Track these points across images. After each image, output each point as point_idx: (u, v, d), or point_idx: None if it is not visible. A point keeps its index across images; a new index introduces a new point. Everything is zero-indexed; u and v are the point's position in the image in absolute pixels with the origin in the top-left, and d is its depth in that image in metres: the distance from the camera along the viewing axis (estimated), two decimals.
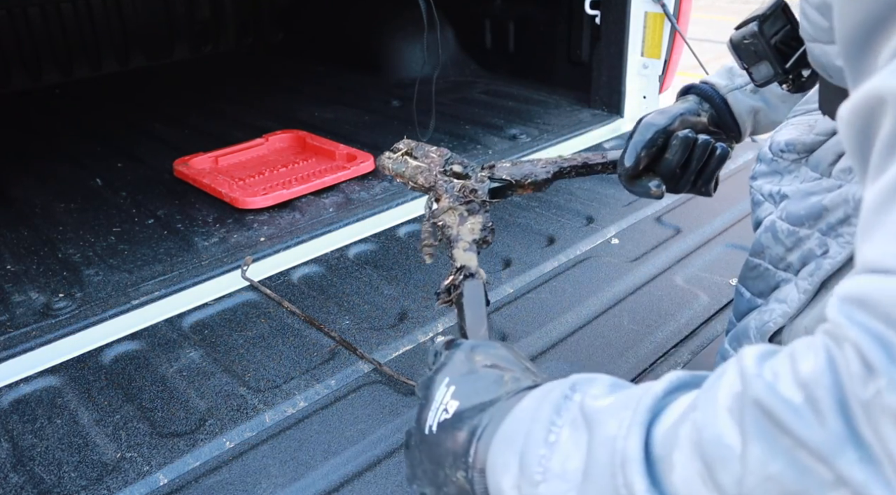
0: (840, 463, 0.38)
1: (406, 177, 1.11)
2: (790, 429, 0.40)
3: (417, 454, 0.71)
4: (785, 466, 0.41)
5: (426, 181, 1.08)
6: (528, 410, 0.57)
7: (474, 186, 1.05)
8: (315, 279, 1.49)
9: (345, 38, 3.30)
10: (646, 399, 0.50)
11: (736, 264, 1.47)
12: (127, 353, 1.27)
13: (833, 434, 0.39)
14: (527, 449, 0.55)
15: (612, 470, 0.49)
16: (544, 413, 0.55)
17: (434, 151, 1.11)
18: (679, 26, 2.09)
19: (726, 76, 1.04)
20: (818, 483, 0.40)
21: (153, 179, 2.04)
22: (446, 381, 0.67)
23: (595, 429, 0.51)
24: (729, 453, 0.43)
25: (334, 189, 1.88)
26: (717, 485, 0.44)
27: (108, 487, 0.98)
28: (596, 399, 0.54)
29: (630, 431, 0.48)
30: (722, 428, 0.43)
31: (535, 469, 0.54)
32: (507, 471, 0.56)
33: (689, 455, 0.45)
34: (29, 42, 3.09)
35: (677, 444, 0.46)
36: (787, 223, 0.78)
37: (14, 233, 1.74)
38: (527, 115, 2.38)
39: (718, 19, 8.74)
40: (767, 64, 0.83)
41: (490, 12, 2.84)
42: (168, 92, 3.05)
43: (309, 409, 1.11)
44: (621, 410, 0.50)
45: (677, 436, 0.46)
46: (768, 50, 0.82)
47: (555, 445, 0.53)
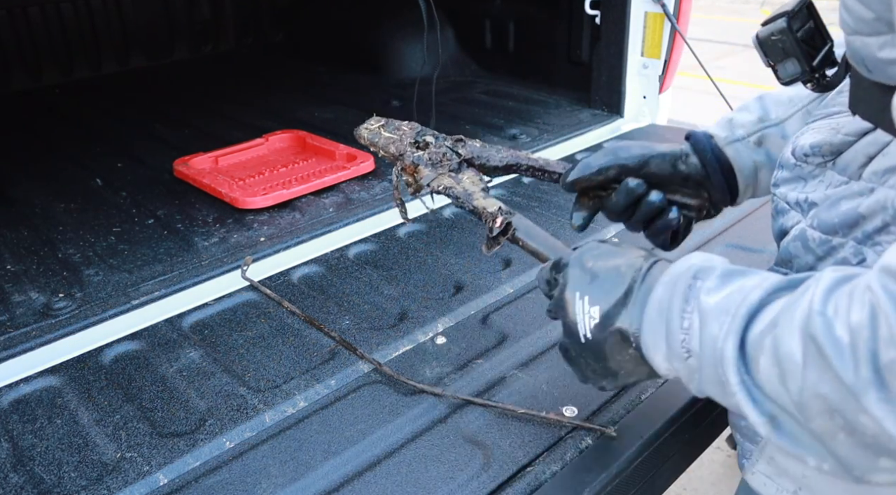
0: (865, 399, 0.51)
1: (379, 147, 1.20)
2: (834, 367, 0.52)
3: (582, 360, 0.82)
4: (830, 390, 0.53)
5: (396, 150, 1.16)
6: (664, 301, 0.71)
7: (440, 152, 1.12)
8: (315, 279, 1.49)
9: (345, 38, 3.30)
10: (742, 308, 0.62)
11: (736, 264, 1.47)
12: (127, 353, 1.27)
13: (863, 377, 0.51)
14: (670, 334, 0.70)
15: (714, 363, 0.64)
16: (676, 302, 0.69)
17: (406, 125, 1.20)
18: (679, 26, 2.09)
19: (726, 127, 0.99)
20: (852, 407, 0.52)
21: (153, 179, 2.04)
22: (577, 294, 0.79)
23: (704, 328, 0.65)
24: (796, 368, 0.56)
25: (334, 189, 1.88)
26: (786, 388, 0.57)
27: (108, 487, 0.98)
28: (709, 294, 0.67)
29: (728, 336, 0.62)
30: (793, 346, 0.56)
31: (680, 350, 0.69)
32: (658, 350, 0.72)
33: (770, 361, 0.58)
34: (29, 42, 3.09)
35: (763, 350, 0.59)
36: (819, 232, 0.76)
37: (14, 233, 1.74)
38: (527, 115, 2.38)
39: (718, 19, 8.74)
40: (795, 61, 0.82)
41: (490, 12, 2.84)
42: (168, 92, 3.05)
43: (309, 409, 1.11)
44: (723, 314, 0.64)
45: (763, 344, 0.59)
46: (796, 46, 0.81)
47: (689, 330, 0.67)
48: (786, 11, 0.81)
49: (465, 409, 1.09)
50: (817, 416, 0.56)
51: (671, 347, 0.70)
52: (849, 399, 0.52)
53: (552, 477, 0.96)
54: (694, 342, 0.67)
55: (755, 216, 1.65)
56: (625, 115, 2.30)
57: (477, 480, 0.96)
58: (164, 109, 2.77)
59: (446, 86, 2.72)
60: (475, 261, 1.53)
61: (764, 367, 0.59)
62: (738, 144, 0.96)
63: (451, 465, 0.98)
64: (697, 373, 0.68)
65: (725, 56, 7.20)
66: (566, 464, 0.98)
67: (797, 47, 0.81)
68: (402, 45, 3.00)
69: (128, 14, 3.33)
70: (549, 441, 1.01)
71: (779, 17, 0.82)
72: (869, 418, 0.51)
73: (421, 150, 1.14)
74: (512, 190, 1.88)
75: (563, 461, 0.98)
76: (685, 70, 2.62)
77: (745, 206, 1.69)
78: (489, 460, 0.99)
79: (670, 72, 2.19)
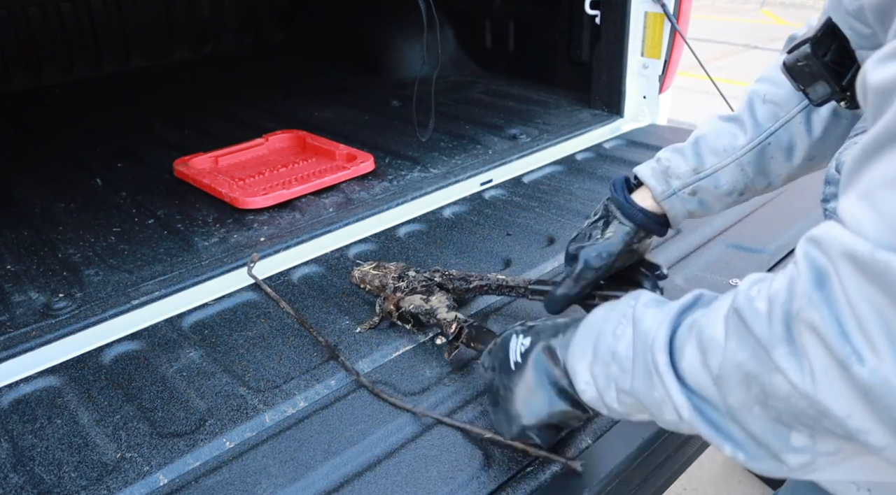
0: (775, 353, 0.54)
1: (366, 282, 1.40)
2: (752, 328, 0.57)
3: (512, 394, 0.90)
4: (748, 356, 0.57)
5: (380, 283, 1.36)
6: (601, 317, 0.79)
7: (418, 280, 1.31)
8: (315, 279, 1.49)
9: (345, 38, 3.30)
10: (675, 306, 0.71)
11: (736, 264, 1.47)
12: (127, 353, 1.27)
13: (775, 333, 0.55)
14: (599, 341, 0.77)
15: (645, 351, 0.70)
16: (614, 316, 0.77)
17: (393, 264, 1.41)
18: (679, 26, 2.09)
19: (662, 180, 1.05)
20: (766, 369, 0.56)
21: (153, 179, 2.04)
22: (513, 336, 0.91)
23: (638, 325, 0.72)
24: (716, 345, 0.61)
25: (334, 189, 1.88)
26: (707, 367, 0.62)
27: (108, 487, 0.98)
28: (647, 306, 0.75)
29: (660, 326, 0.69)
30: (715, 328, 0.62)
31: (605, 353, 0.75)
32: (584, 357, 0.79)
33: (695, 347, 0.64)
34: (29, 42, 3.09)
35: (688, 340, 0.66)
36: None
37: (14, 233, 1.74)
38: (527, 115, 2.38)
39: (718, 19, 8.74)
40: (824, 83, 0.84)
41: (490, 12, 2.84)
42: (168, 92, 3.05)
43: (309, 409, 1.11)
44: (658, 313, 0.72)
45: (689, 335, 0.66)
46: (823, 69, 0.83)
47: (620, 337, 0.74)
48: (810, 38, 0.83)
49: (464, 409, 1.09)
50: (735, 388, 0.59)
51: (597, 353, 0.77)
52: (763, 359, 0.56)
53: None
54: (622, 344, 0.74)
55: (755, 216, 1.65)
56: (625, 114, 2.30)
57: (477, 480, 0.96)
58: (164, 109, 2.77)
59: (446, 86, 2.72)
60: (475, 261, 1.53)
61: (688, 354, 0.65)
62: (673, 198, 1.05)
63: (451, 465, 0.98)
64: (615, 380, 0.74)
65: (725, 56, 7.20)
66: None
67: (824, 70, 0.82)
68: (402, 45, 3.00)
69: (128, 14, 3.33)
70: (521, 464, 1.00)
71: (803, 43, 0.84)
72: (781, 377, 0.54)
73: (401, 282, 1.33)
74: (512, 190, 1.88)
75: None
76: (685, 70, 2.62)
77: (745, 206, 1.69)
78: (489, 460, 0.99)
79: (670, 72, 2.19)
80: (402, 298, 1.27)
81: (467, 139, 2.21)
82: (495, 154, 2.06)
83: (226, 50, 3.70)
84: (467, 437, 1.03)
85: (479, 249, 1.58)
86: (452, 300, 1.25)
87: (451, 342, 1.15)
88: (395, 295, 1.29)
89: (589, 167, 2.01)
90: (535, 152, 2.07)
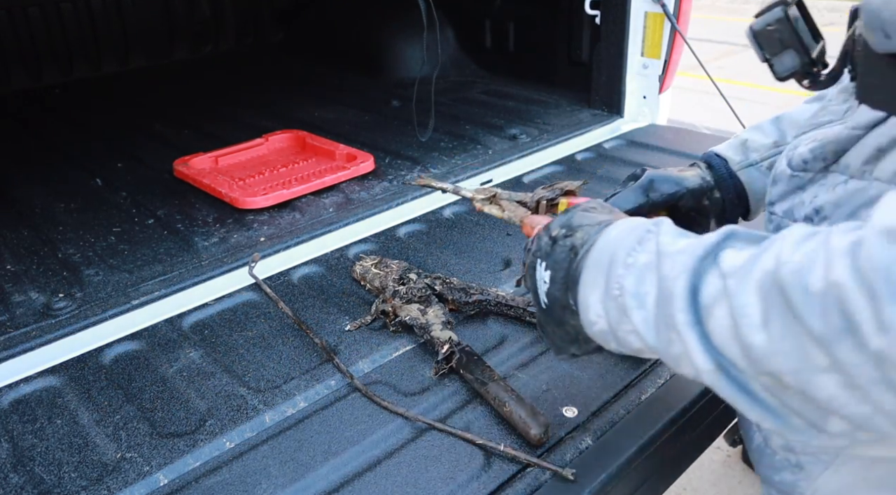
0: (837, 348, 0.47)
1: (367, 280, 1.40)
2: (802, 318, 0.48)
3: (549, 328, 0.81)
4: (792, 347, 0.50)
5: (381, 284, 1.36)
6: (616, 238, 0.69)
7: (417, 288, 1.29)
8: (315, 279, 1.49)
9: (345, 37, 3.30)
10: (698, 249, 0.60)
11: None
12: (127, 353, 1.27)
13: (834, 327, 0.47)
14: (611, 268, 0.67)
15: (663, 302, 0.61)
16: (629, 241, 0.67)
17: (395, 263, 1.40)
18: (679, 26, 2.09)
19: (740, 150, 0.98)
20: (812, 366, 0.49)
21: (153, 179, 2.04)
22: (538, 261, 0.79)
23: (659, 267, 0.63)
24: (749, 321, 0.53)
25: (334, 189, 1.88)
26: (739, 340, 0.54)
27: (108, 487, 0.98)
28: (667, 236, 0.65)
29: (680, 275, 0.60)
30: (748, 298, 0.53)
31: (614, 285, 0.66)
32: (596, 287, 0.69)
33: (725, 311, 0.55)
34: (29, 42, 3.08)
35: (719, 300, 0.56)
36: None
37: (14, 233, 1.74)
38: (527, 115, 2.38)
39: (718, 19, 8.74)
40: (793, 53, 0.76)
41: (490, 12, 2.84)
42: (168, 92, 3.05)
43: (309, 409, 1.11)
44: (679, 254, 0.62)
45: (717, 293, 0.57)
46: (795, 36, 0.75)
47: (631, 267, 0.65)
48: (781, 0, 0.77)
49: (464, 410, 1.09)
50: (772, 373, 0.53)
51: (608, 285, 0.67)
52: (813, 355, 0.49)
53: None
54: (629, 281, 0.65)
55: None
56: (625, 115, 2.30)
57: (477, 480, 0.96)
58: (164, 109, 2.76)
59: (446, 86, 2.72)
60: (475, 261, 1.53)
61: (717, 316, 0.56)
62: (751, 169, 0.96)
63: (451, 465, 0.98)
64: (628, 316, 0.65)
65: (725, 56, 7.20)
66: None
67: (795, 37, 0.75)
68: (402, 45, 3.00)
69: (128, 14, 3.33)
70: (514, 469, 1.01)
71: (774, 5, 0.77)
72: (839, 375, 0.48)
73: (402, 285, 1.32)
74: (512, 190, 1.88)
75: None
76: (685, 70, 2.62)
77: None
78: (489, 460, 0.99)
79: (670, 72, 2.19)
80: (400, 306, 1.27)
81: (467, 139, 2.21)
82: (495, 154, 2.06)
83: (226, 50, 3.70)
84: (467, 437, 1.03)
85: (479, 249, 1.58)
86: (449, 315, 1.25)
87: (440, 362, 1.15)
88: (393, 299, 1.29)
89: (589, 167, 2.01)
90: (535, 152, 2.07)
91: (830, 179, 0.72)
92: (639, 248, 0.66)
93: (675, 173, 0.96)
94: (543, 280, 0.77)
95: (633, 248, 0.66)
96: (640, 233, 0.68)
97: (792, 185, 0.78)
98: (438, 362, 1.15)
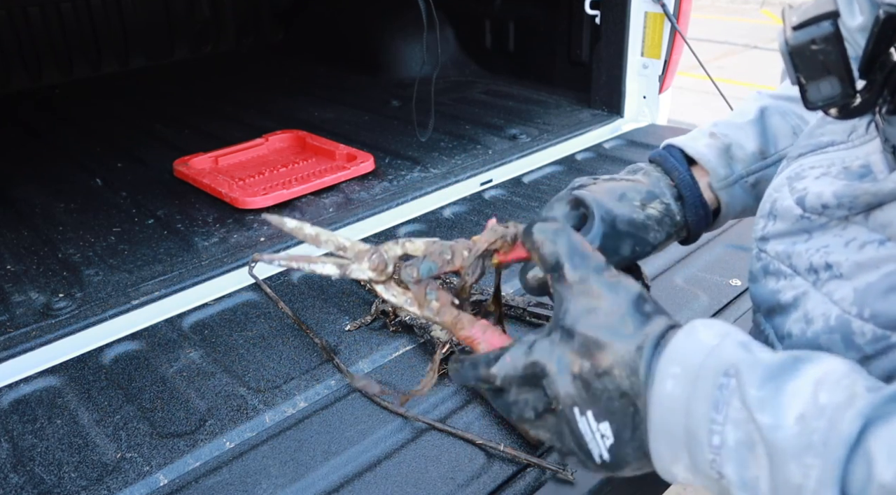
0: None
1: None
2: None
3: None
4: None
5: None
6: (679, 400, 0.50)
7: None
8: (315, 279, 1.49)
9: (345, 38, 3.30)
10: (838, 448, 0.42)
11: (736, 264, 1.47)
12: (127, 353, 1.27)
13: None
14: (693, 449, 0.50)
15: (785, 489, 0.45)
16: (700, 408, 0.49)
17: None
18: (679, 26, 2.09)
19: (723, 160, 0.81)
20: None
21: (153, 179, 2.04)
22: (577, 411, 0.56)
23: (776, 467, 0.45)
24: None
25: (334, 189, 1.88)
26: None
27: (108, 487, 0.98)
28: (762, 410, 0.46)
29: (820, 488, 0.43)
30: None
31: (709, 471, 0.50)
32: (679, 461, 0.52)
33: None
34: (29, 42, 3.09)
35: None
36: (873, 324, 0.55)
37: (14, 233, 1.74)
38: (527, 115, 2.38)
39: (718, 19, 8.74)
40: (835, 81, 0.57)
41: (490, 12, 2.84)
42: (168, 92, 3.05)
43: (309, 409, 1.11)
44: (804, 453, 0.43)
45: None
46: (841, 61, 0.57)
47: (721, 449, 0.48)
48: (832, 11, 0.56)
49: (464, 410, 1.09)
50: None
51: (697, 465, 0.51)
52: None
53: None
54: (730, 469, 0.48)
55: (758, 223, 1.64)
56: (625, 115, 2.30)
57: (477, 480, 0.96)
58: (164, 109, 2.77)
59: (446, 86, 2.72)
60: None
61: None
62: (735, 187, 0.82)
63: (451, 465, 0.98)
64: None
65: (725, 56, 7.20)
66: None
67: (842, 61, 0.57)
68: (402, 45, 3.00)
69: (128, 14, 3.33)
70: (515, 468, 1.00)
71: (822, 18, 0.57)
72: None
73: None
74: (512, 190, 1.88)
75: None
76: (685, 70, 2.62)
77: None
78: (490, 460, 0.99)
79: (670, 72, 2.19)
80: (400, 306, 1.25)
81: (467, 139, 2.21)
82: (495, 154, 2.06)
83: (226, 50, 3.70)
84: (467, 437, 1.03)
85: None
86: None
87: (440, 363, 1.14)
88: None
89: (589, 167, 2.01)
90: (535, 152, 2.07)
91: (851, 232, 0.59)
92: (719, 419, 0.48)
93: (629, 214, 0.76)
94: (601, 434, 0.56)
95: (713, 421, 0.49)
96: (709, 391, 0.49)
97: (797, 227, 0.64)
98: (442, 361, 1.15)
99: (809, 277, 0.62)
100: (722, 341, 0.51)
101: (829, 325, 0.59)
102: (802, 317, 0.62)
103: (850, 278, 0.58)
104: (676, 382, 0.51)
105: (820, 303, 0.60)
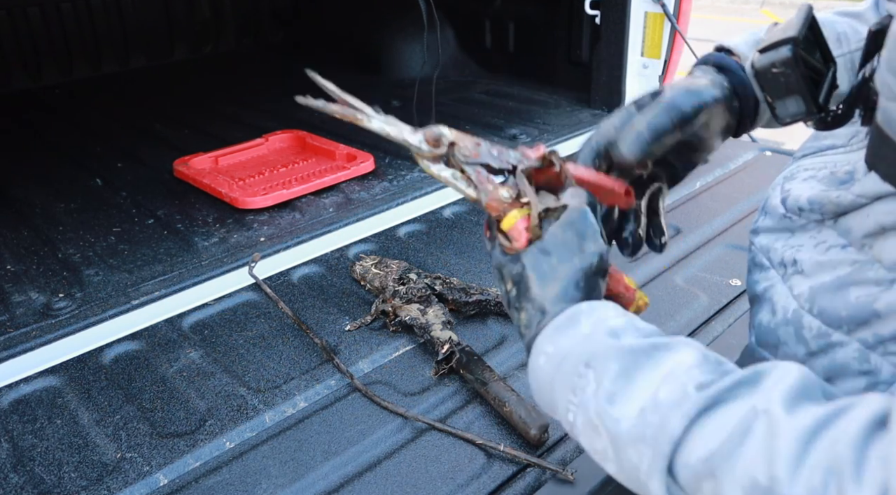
0: None
1: (367, 281, 1.39)
2: None
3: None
4: None
5: (381, 284, 1.35)
6: (547, 376, 0.59)
7: (417, 288, 1.28)
8: (315, 279, 1.49)
9: (345, 38, 3.30)
10: (664, 444, 0.49)
11: (736, 264, 1.47)
12: (127, 353, 1.27)
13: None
14: (557, 415, 0.59)
15: (637, 484, 0.53)
16: (560, 388, 0.57)
17: (394, 263, 1.40)
18: (679, 26, 2.09)
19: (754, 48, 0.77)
20: None
21: (153, 179, 2.04)
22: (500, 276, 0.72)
23: (618, 449, 0.53)
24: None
25: (334, 189, 1.88)
26: None
27: (108, 487, 0.98)
28: (611, 401, 0.53)
29: (651, 474, 0.50)
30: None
31: (565, 417, 0.57)
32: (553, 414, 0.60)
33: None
34: (29, 42, 3.09)
35: (721, 476, 0.46)
36: (820, 320, 0.61)
37: (14, 233, 1.74)
38: (527, 115, 2.38)
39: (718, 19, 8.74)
40: (799, 99, 0.64)
41: (490, 12, 2.84)
42: (168, 92, 3.05)
43: (309, 409, 1.11)
44: (639, 442, 0.51)
45: (700, 489, 0.48)
46: (802, 82, 0.63)
47: (574, 425, 0.56)
48: (790, 37, 0.62)
49: (464, 410, 1.09)
50: None
51: (561, 425, 0.60)
52: None
53: None
54: (584, 439, 0.56)
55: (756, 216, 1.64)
56: None
57: (477, 480, 0.96)
58: (164, 109, 2.76)
59: (446, 86, 2.72)
60: (475, 261, 1.53)
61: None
62: None
63: (451, 465, 0.98)
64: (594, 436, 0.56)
65: None
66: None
67: (802, 84, 0.63)
68: (402, 45, 3.00)
69: (128, 14, 3.33)
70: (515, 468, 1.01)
71: (782, 43, 0.63)
72: None
73: (402, 285, 1.30)
74: None
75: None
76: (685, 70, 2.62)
77: (746, 207, 1.69)
78: (489, 460, 0.99)
79: (670, 72, 2.19)
80: (400, 306, 1.26)
81: None
82: None
83: (226, 50, 3.70)
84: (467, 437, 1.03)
85: (479, 249, 1.58)
86: (449, 315, 1.25)
87: (440, 363, 1.15)
88: (393, 299, 1.28)
89: None
90: None
91: (824, 235, 0.64)
92: (575, 400, 0.56)
93: (685, 84, 0.72)
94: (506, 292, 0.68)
95: (570, 401, 0.56)
96: (569, 374, 0.56)
97: (781, 225, 0.69)
98: (438, 362, 1.15)
99: (779, 271, 0.67)
100: (594, 330, 0.57)
101: (786, 318, 0.65)
102: (770, 308, 0.67)
103: (809, 275, 0.63)
104: (548, 360, 0.58)
105: (783, 295, 0.66)
